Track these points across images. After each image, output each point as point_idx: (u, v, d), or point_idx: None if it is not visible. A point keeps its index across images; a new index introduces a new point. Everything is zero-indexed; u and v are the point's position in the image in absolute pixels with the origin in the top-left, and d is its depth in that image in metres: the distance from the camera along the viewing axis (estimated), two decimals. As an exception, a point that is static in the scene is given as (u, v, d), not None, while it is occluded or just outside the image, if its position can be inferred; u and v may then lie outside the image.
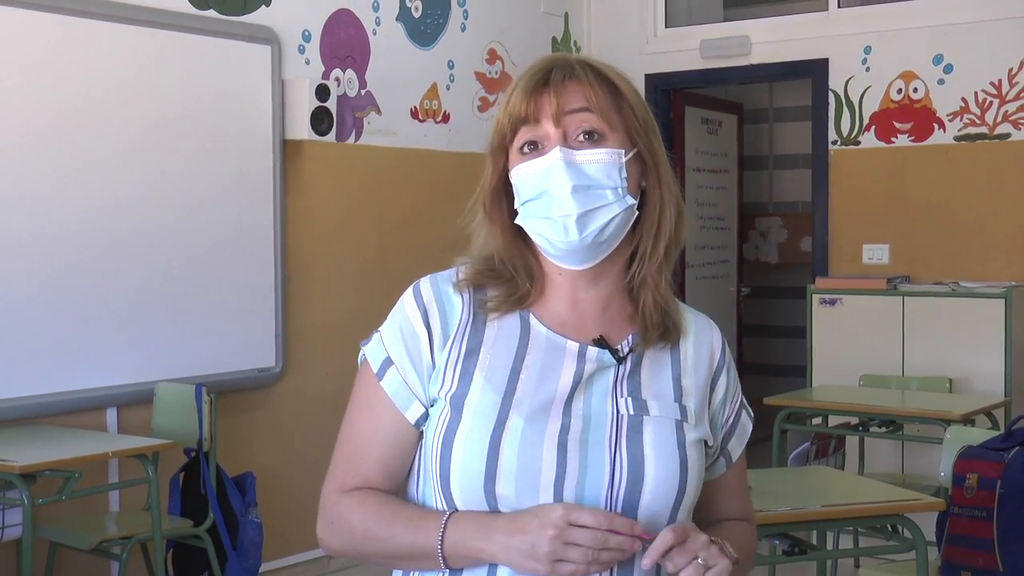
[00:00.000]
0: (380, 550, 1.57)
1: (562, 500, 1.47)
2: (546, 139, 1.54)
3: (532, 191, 1.54)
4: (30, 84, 4.42)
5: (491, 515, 1.49)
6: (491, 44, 6.52)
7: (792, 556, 3.59)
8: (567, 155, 1.52)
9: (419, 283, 1.62)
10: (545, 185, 1.53)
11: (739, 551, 1.60)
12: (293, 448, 5.40)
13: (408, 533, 1.53)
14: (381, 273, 5.81)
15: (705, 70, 6.86)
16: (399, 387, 1.58)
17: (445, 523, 1.50)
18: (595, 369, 1.56)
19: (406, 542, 1.53)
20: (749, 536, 1.71)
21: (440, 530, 1.50)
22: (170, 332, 4.87)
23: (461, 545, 1.49)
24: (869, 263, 6.31)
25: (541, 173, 1.53)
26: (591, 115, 1.53)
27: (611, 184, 1.53)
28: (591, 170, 1.53)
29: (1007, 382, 5.54)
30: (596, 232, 1.53)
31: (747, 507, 1.75)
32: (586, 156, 1.53)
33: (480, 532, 1.48)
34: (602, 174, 1.53)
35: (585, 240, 1.53)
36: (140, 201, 4.77)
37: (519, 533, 1.44)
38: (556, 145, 1.53)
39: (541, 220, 1.54)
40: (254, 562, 4.66)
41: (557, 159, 1.52)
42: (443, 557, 1.50)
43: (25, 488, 3.81)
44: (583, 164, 1.53)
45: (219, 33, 5.05)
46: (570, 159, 1.52)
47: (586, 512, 1.43)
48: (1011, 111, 5.90)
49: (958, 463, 3.71)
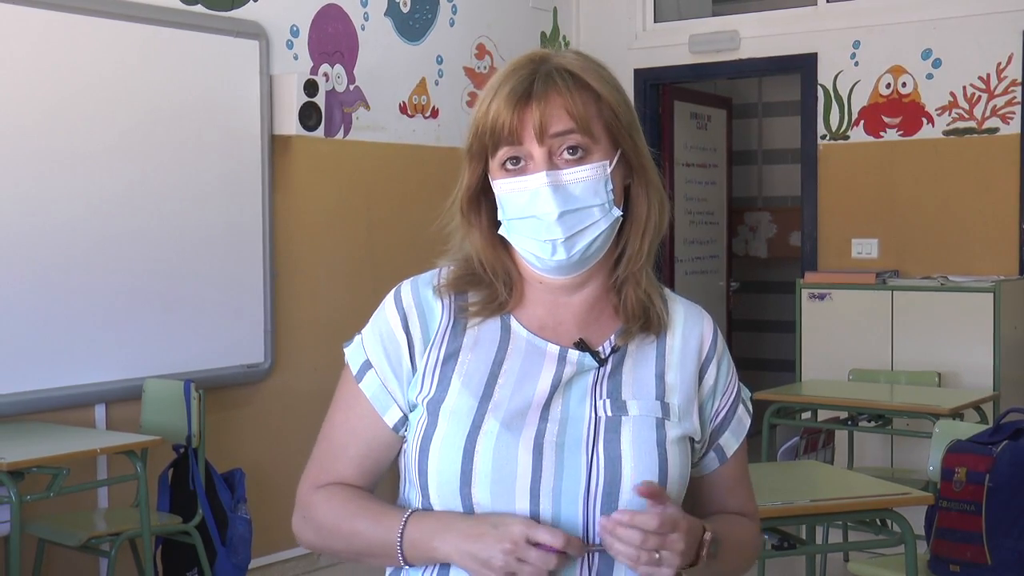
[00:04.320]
0: (346, 545, 1.58)
1: (539, 503, 1.47)
2: (529, 157, 1.52)
3: (518, 211, 1.52)
4: (16, 80, 4.40)
5: (451, 516, 1.49)
6: (480, 39, 6.51)
7: (781, 551, 3.60)
8: (553, 178, 1.50)
9: (400, 287, 1.61)
10: (532, 209, 1.51)
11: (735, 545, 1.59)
12: (282, 444, 5.39)
13: (370, 528, 1.54)
14: (370, 269, 5.80)
15: (694, 65, 6.86)
16: (378, 391, 1.58)
17: (405, 521, 1.51)
18: (575, 372, 1.55)
19: (368, 537, 1.54)
20: (748, 532, 1.68)
21: (400, 527, 1.50)
22: (158, 328, 4.86)
23: (419, 543, 1.50)
24: (858, 257, 6.32)
25: (527, 195, 1.51)
26: (575, 135, 1.50)
27: (598, 201, 1.52)
28: (577, 190, 1.51)
29: (996, 376, 5.55)
30: (583, 250, 1.52)
31: (748, 504, 1.71)
32: (572, 176, 1.50)
33: (438, 532, 1.48)
34: (589, 192, 1.51)
35: (573, 258, 1.52)
36: (128, 197, 4.75)
37: (475, 540, 1.44)
38: (542, 167, 1.50)
39: (528, 239, 1.53)
40: (243, 558, 4.65)
41: (543, 184, 1.50)
42: (402, 554, 1.51)
43: (13, 485, 3.79)
44: (569, 185, 1.50)
45: (207, 28, 5.04)
46: (556, 182, 1.50)
47: (543, 531, 1.42)
48: (999, 106, 5.91)
49: (947, 457, 3.72)
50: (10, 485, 3.80)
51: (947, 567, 3.62)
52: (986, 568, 3.51)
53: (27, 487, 3.94)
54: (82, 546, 4.21)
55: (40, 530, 4.31)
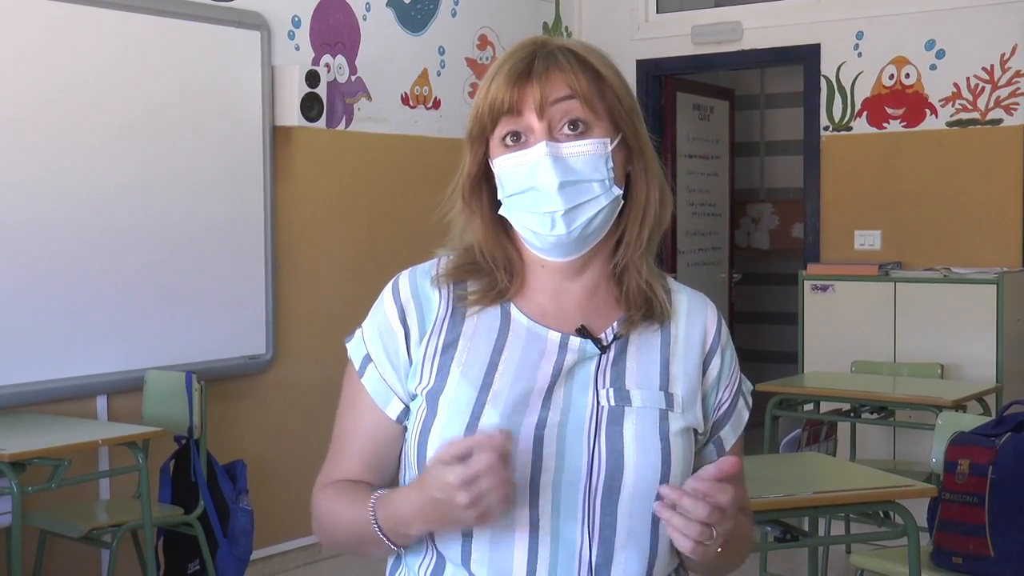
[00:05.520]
0: (346, 538, 1.58)
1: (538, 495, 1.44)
2: (529, 131, 1.51)
3: (517, 185, 1.51)
4: (17, 70, 4.39)
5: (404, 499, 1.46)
6: (482, 30, 6.49)
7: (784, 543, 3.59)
8: (553, 149, 1.49)
9: (398, 278, 1.60)
10: (531, 181, 1.50)
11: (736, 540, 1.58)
12: (284, 435, 5.39)
13: (355, 520, 1.53)
14: (371, 260, 5.80)
15: (696, 56, 6.84)
16: (378, 384, 1.57)
17: (374, 512, 1.49)
18: (577, 360, 1.53)
19: (357, 529, 1.53)
20: (746, 528, 1.66)
21: (372, 518, 1.49)
22: (160, 319, 4.86)
23: (395, 532, 1.49)
24: (861, 249, 6.31)
25: (527, 167, 1.50)
26: (575, 103, 1.50)
27: (598, 176, 1.51)
28: (578, 163, 1.50)
29: (998, 368, 5.55)
30: (583, 226, 1.51)
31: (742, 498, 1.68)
32: (572, 149, 1.50)
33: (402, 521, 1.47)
34: (589, 167, 1.50)
35: (572, 234, 1.51)
36: (129, 188, 4.75)
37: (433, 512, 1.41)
38: (541, 139, 1.50)
39: (527, 214, 1.52)
40: (245, 550, 4.65)
41: (543, 154, 1.49)
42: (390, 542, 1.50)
43: (14, 476, 3.79)
44: (569, 158, 1.50)
45: (208, 19, 5.02)
46: (556, 153, 1.49)
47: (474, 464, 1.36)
48: (1003, 96, 5.90)
49: (950, 449, 3.71)
50: (11, 476, 3.79)
51: (950, 559, 3.61)
52: (989, 560, 3.51)
53: (28, 478, 3.94)
54: (83, 537, 4.21)
55: (41, 521, 4.31)
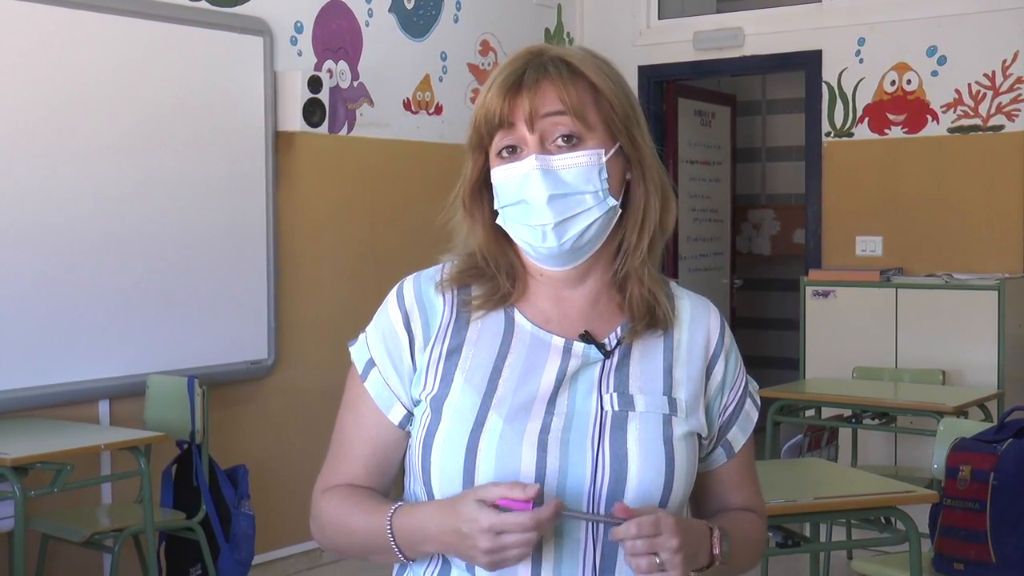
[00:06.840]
0: (351, 543, 1.58)
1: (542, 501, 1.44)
2: (523, 143, 1.52)
3: (510, 197, 1.52)
4: (21, 76, 4.40)
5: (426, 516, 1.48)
6: (484, 36, 6.50)
7: (785, 548, 3.59)
8: (543, 162, 1.49)
9: (402, 284, 1.61)
10: (522, 193, 1.50)
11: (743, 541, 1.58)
12: (285, 440, 5.39)
13: (365, 526, 1.54)
14: (373, 265, 5.80)
15: (698, 62, 6.85)
16: (381, 389, 1.58)
17: (390, 523, 1.50)
18: (580, 365, 1.54)
19: (365, 535, 1.54)
20: (755, 528, 1.67)
21: (388, 528, 1.50)
22: (162, 324, 4.86)
23: (409, 545, 1.50)
24: (862, 255, 6.31)
25: (518, 180, 1.51)
26: (565, 118, 1.50)
27: (590, 188, 1.51)
28: (568, 176, 1.50)
29: (1000, 374, 5.54)
30: (575, 238, 1.51)
31: (755, 499, 1.70)
32: (563, 161, 1.50)
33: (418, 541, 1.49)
34: (580, 179, 1.50)
35: (564, 246, 1.51)
36: (132, 193, 4.75)
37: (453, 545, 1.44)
38: (532, 152, 1.50)
39: (520, 226, 1.52)
40: (246, 554, 4.65)
41: (533, 167, 1.49)
42: (401, 553, 1.51)
43: (17, 481, 3.79)
44: (560, 171, 1.50)
45: (211, 24, 5.03)
46: (546, 166, 1.49)
47: (509, 519, 1.39)
48: (1005, 103, 5.90)
49: (951, 455, 3.71)
50: (14, 480, 3.80)
51: (951, 565, 3.61)
52: (991, 566, 3.51)
53: (31, 483, 3.94)
54: (85, 542, 4.21)
55: (44, 526, 4.31)
